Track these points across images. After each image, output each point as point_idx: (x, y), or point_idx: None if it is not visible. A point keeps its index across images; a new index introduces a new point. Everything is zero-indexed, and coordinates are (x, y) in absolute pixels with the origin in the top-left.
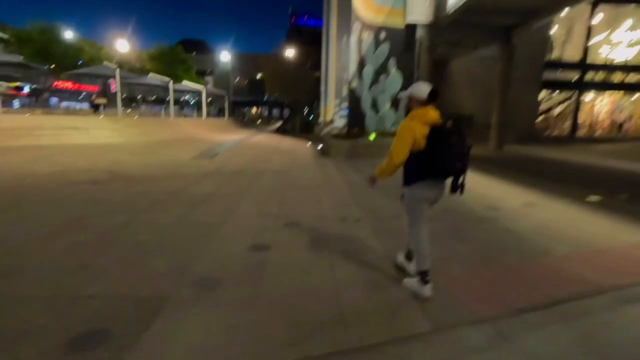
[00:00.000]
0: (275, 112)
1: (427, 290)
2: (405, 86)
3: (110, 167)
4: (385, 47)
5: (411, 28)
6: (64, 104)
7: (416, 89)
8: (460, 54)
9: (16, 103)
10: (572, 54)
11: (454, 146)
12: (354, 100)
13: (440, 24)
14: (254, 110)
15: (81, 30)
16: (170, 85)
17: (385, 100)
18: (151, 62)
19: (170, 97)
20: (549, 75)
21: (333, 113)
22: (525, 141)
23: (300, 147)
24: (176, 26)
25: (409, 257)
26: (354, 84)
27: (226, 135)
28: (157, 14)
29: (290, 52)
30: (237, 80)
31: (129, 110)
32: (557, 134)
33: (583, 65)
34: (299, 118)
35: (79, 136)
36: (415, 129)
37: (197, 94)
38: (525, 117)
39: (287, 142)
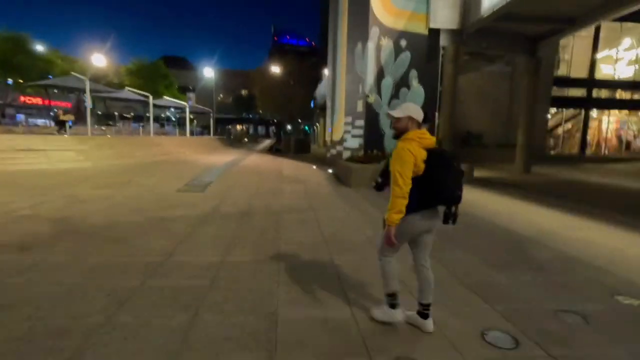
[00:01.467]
0: (261, 129)
1: (398, 314)
2: (428, 101)
3: (60, 210)
4: (406, 56)
5: (434, 35)
6: (33, 121)
7: (414, 109)
8: (476, 67)
9: None
10: (578, 70)
11: (456, 172)
12: (371, 117)
13: (468, 30)
14: (239, 127)
15: (55, 44)
16: (150, 100)
17: None
18: (130, 77)
19: (150, 113)
20: (556, 92)
21: (343, 132)
22: (536, 161)
23: (308, 172)
24: (156, 43)
25: (391, 303)
26: (372, 97)
27: (215, 156)
28: (137, 30)
29: (276, 69)
30: (220, 97)
31: (104, 127)
32: (564, 153)
33: (591, 82)
34: (293, 137)
35: (34, 160)
36: (414, 151)
37: (180, 110)
38: (534, 136)
39: (288, 165)
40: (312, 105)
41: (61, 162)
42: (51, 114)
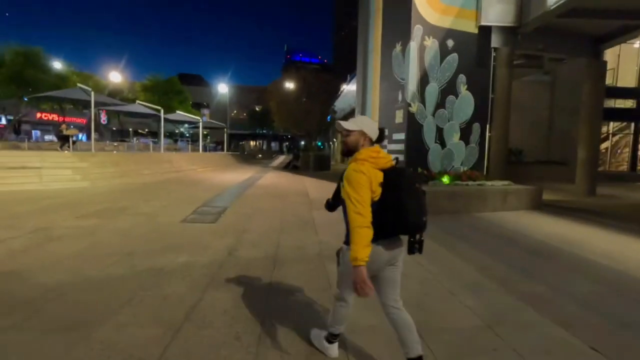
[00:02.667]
0: (274, 145)
1: (332, 351)
2: (478, 111)
3: (14, 254)
4: (453, 59)
5: (485, 34)
6: (49, 137)
7: (369, 123)
8: (524, 73)
9: None
10: (626, 79)
11: (418, 194)
12: (413, 130)
13: (526, 28)
14: (252, 143)
15: (73, 62)
16: (162, 114)
17: (453, 130)
18: (145, 93)
19: (161, 127)
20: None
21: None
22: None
23: None
24: (172, 62)
25: (329, 339)
26: (414, 106)
27: (229, 174)
28: (154, 50)
29: (292, 84)
30: (234, 113)
31: (116, 143)
32: (610, 170)
33: None
34: (312, 153)
35: (23, 180)
36: (370, 175)
37: (194, 125)
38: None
39: (312, 185)
40: (328, 119)
41: (54, 182)
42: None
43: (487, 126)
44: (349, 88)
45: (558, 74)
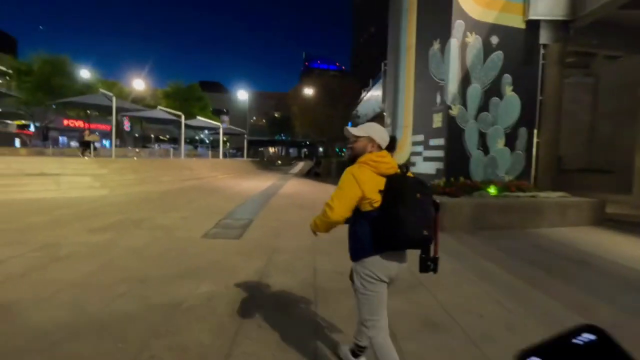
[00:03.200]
0: (292, 151)
1: None
2: (524, 114)
3: (12, 278)
4: (497, 57)
5: (533, 29)
6: (76, 144)
7: (378, 129)
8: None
9: (17, 142)
10: None
11: (420, 204)
12: (453, 135)
13: (580, 22)
14: (271, 149)
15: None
16: (182, 120)
17: (497, 136)
18: (166, 99)
19: (181, 133)
20: None
21: (409, 153)
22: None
23: None
24: (192, 69)
25: (355, 353)
26: (455, 109)
27: (250, 181)
28: (173, 56)
29: (311, 90)
30: (253, 119)
31: (137, 149)
32: None
33: None
34: (334, 159)
35: (40, 187)
36: (363, 180)
37: (214, 131)
38: (627, 158)
39: None
40: (349, 125)
41: (72, 190)
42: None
43: (535, 131)
44: (372, 93)
45: (602, 75)
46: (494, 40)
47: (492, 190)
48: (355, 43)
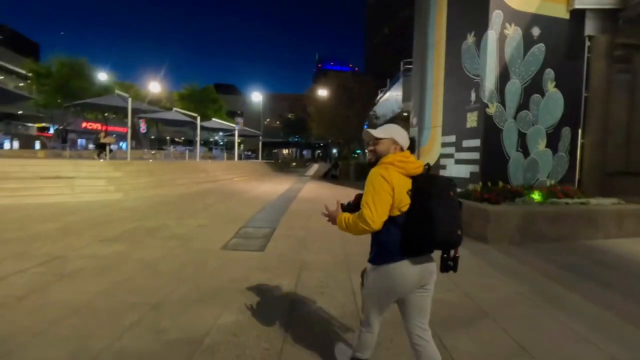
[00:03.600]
0: (306, 153)
1: None
2: (569, 113)
3: (17, 298)
4: (539, 50)
5: (579, 19)
6: (92, 146)
7: (399, 131)
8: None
9: (37, 145)
10: None
11: (453, 203)
12: (490, 135)
13: (632, 11)
14: (285, 151)
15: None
16: (198, 121)
17: (538, 136)
18: (182, 101)
19: (197, 135)
20: None
21: (438, 156)
22: None
23: None
24: (206, 71)
25: None
26: (492, 107)
27: (267, 184)
28: (188, 59)
29: (324, 92)
30: (267, 121)
31: (154, 152)
32: None
33: None
34: (352, 161)
35: (54, 191)
36: (393, 181)
37: (228, 133)
38: None
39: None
40: (365, 127)
41: (86, 194)
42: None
43: (579, 131)
44: (391, 93)
45: None
46: (535, 31)
47: (537, 196)
48: (368, 44)
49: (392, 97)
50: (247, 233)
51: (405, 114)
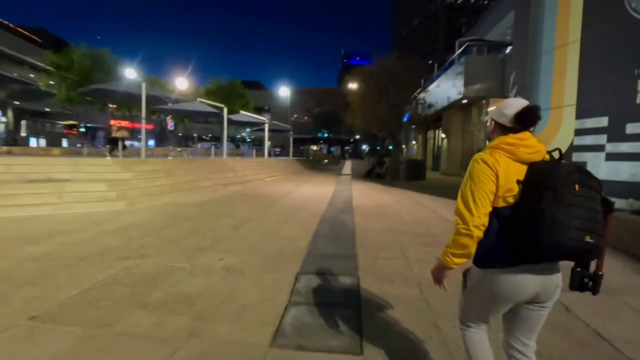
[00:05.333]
0: (334, 149)
1: None
2: None
3: None
4: None
5: None
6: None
7: (499, 106)
8: None
9: (65, 142)
10: None
11: (579, 199)
12: None
13: None
14: (313, 147)
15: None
16: (224, 113)
17: None
18: (208, 96)
19: (224, 128)
20: None
21: (568, 146)
22: None
23: None
24: (231, 68)
25: None
26: None
27: (305, 185)
28: (213, 55)
29: (354, 85)
30: (294, 116)
31: (179, 149)
32: None
33: None
34: (402, 159)
35: (36, 199)
36: (498, 166)
37: (257, 128)
38: None
39: (441, 208)
40: (405, 119)
41: (77, 203)
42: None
43: None
44: (444, 79)
45: None
46: None
47: None
48: (396, 37)
49: (445, 84)
50: (312, 291)
51: (464, 101)
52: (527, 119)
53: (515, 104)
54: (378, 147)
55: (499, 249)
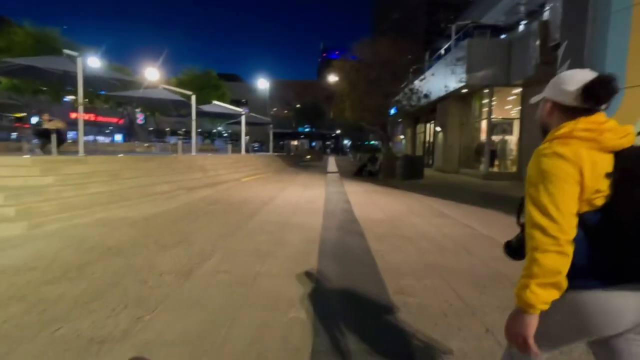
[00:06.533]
0: (315, 144)
1: None
2: None
3: None
4: None
5: None
6: (86, 139)
7: (554, 80)
8: None
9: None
10: None
11: None
12: None
13: None
14: (293, 143)
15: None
16: (193, 101)
17: None
18: (180, 87)
19: (193, 120)
20: None
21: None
22: None
23: None
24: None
25: None
26: None
27: (290, 188)
28: (187, 48)
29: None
30: (273, 110)
31: (146, 144)
32: None
33: None
34: (400, 155)
35: None
36: (580, 160)
37: (234, 121)
38: None
39: (473, 220)
40: (393, 112)
41: None
42: (106, 132)
43: None
44: (441, 66)
45: None
46: None
47: None
48: (377, 32)
49: (442, 71)
50: None
51: (465, 90)
52: (600, 94)
53: (578, 76)
54: (368, 142)
55: (586, 264)
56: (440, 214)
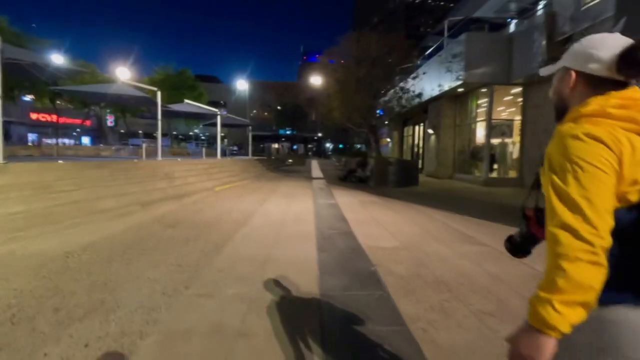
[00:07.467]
0: (296, 147)
1: None
2: None
3: None
4: None
5: None
6: (46, 141)
7: (576, 47)
8: None
9: None
10: None
11: None
12: None
13: None
14: (274, 146)
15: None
16: (158, 98)
17: None
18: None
19: (158, 119)
20: None
21: None
22: None
23: None
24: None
25: None
26: None
27: (271, 199)
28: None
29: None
30: (253, 112)
31: (114, 147)
32: None
33: None
34: (393, 159)
35: None
36: (616, 144)
37: (209, 122)
38: None
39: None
40: (380, 114)
41: None
42: (74, 133)
43: None
44: (434, 64)
45: None
46: None
47: None
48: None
49: (435, 69)
50: None
51: (461, 89)
52: (633, 59)
53: (612, 41)
54: (353, 145)
55: (617, 274)
56: (463, 237)
